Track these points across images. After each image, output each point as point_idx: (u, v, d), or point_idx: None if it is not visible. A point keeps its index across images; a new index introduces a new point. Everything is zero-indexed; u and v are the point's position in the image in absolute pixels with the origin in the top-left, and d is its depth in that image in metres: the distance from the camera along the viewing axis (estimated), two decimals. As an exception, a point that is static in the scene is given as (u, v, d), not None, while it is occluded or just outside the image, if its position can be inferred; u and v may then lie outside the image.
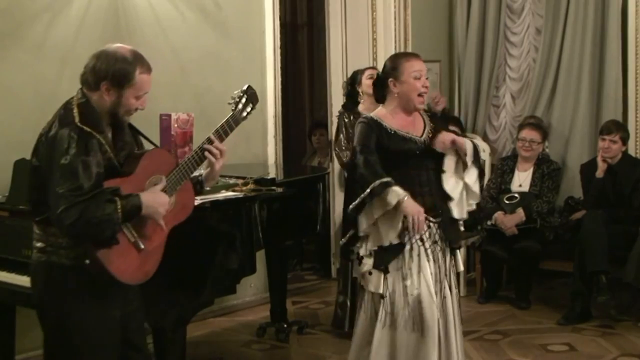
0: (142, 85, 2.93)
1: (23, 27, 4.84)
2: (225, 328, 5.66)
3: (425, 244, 3.80)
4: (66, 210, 2.69)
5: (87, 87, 2.93)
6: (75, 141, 2.76)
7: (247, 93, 3.29)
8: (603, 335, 5.33)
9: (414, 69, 3.81)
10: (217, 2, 5.87)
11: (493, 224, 6.08)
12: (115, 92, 2.89)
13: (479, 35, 7.14)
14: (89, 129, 2.82)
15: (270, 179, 4.65)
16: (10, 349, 4.36)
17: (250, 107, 3.29)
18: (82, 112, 2.86)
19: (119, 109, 2.92)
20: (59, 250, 2.88)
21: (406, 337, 3.75)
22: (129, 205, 2.79)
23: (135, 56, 2.94)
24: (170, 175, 3.00)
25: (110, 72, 2.87)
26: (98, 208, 2.71)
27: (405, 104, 3.85)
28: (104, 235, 2.75)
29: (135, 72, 2.90)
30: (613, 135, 5.81)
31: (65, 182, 2.71)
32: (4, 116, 4.77)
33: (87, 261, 2.79)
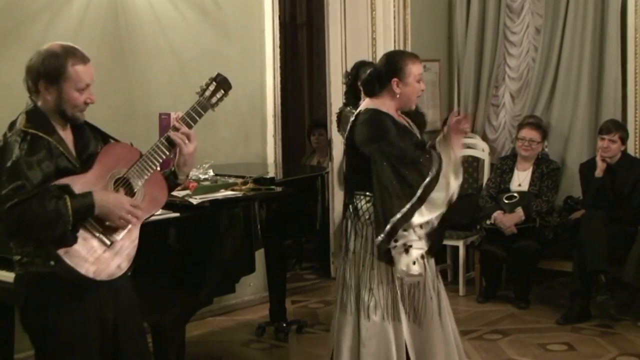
0: (78, 76, 2.87)
1: (23, 26, 4.84)
2: (225, 327, 5.66)
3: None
4: (9, 210, 2.65)
5: (31, 92, 2.92)
6: (19, 143, 2.74)
7: (216, 80, 3.23)
8: (602, 335, 5.33)
9: (419, 71, 3.83)
10: (216, 2, 5.87)
11: (492, 224, 6.08)
12: (54, 89, 2.86)
13: (479, 35, 7.14)
14: (35, 130, 2.79)
15: (270, 179, 4.66)
16: (9, 348, 4.35)
17: (221, 94, 3.21)
18: (29, 118, 2.84)
19: (64, 105, 2.88)
20: (35, 259, 2.83)
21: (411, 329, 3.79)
22: (79, 204, 2.73)
23: (65, 49, 2.90)
24: (132, 168, 2.94)
25: (42, 70, 2.85)
26: (41, 205, 2.65)
27: (405, 104, 3.86)
28: (55, 234, 2.70)
29: (67, 64, 2.86)
30: (612, 135, 5.81)
31: (9, 183, 2.68)
32: (4, 115, 4.74)
33: (52, 262, 2.76)
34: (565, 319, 5.60)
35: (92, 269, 2.80)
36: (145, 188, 2.96)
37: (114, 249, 2.86)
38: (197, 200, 3.94)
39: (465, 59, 7.21)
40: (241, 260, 4.10)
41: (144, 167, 2.95)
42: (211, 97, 3.18)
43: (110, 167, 2.90)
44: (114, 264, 2.86)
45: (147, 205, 2.97)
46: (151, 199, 2.99)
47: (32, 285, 2.87)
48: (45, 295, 2.85)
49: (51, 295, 2.85)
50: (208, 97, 3.17)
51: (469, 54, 7.17)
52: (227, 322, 5.77)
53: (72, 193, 2.74)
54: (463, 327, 5.54)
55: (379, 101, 3.85)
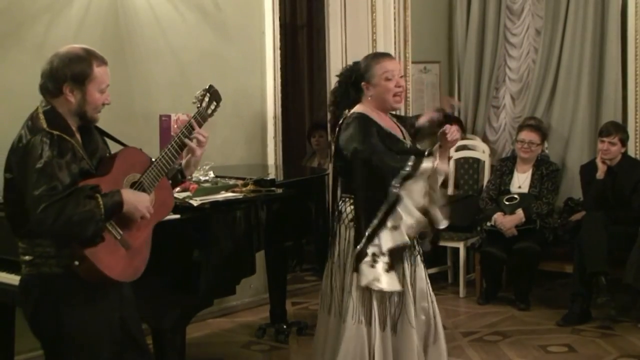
0: (102, 77, 2.95)
1: (23, 27, 4.84)
2: (225, 329, 5.65)
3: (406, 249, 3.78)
4: (44, 210, 2.68)
5: (49, 95, 2.93)
6: (48, 145, 2.78)
7: (210, 91, 3.31)
8: (602, 337, 5.33)
9: (384, 69, 3.79)
10: (216, 3, 5.87)
11: (492, 225, 6.08)
12: (79, 91, 2.91)
13: (479, 36, 7.14)
14: (59, 132, 2.84)
15: (270, 180, 4.65)
16: (9, 350, 4.35)
17: (214, 105, 3.31)
18: (49, 119, 2.87)
19: (86, 107, 2.93)
20: (48, 260, 2.88)
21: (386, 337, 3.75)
22: (110, 202, 2.80)
23: (88, 51, 2.96)
24: (146, 173, 3.01)
25: (69, 73, 2.89)
26: (78, 205, 2.71)
27: (382, 105, 3.85)
28: (87, 233, 2.75)
29: (93, 66, 2.92)
30: (612, 137, 5.81)
31: (42, 184, 2.71)
32: (4, 116, 4.76)
33: (76, 262, 2.79)
34: (565, 320, 5.60)
35: (115, 270, 2.86)
36: (155, 192, 3.04)
37: (132, 252, 2.93)
38: (198, 202, 3.94)
39: (466, 60, 7.22)
40: (241, 262, 4.10)
41: (157, 173, 3.03)
42: (207, 108, 3.28)
43: (125, 172, 2.97)
44: (133, 266, 2.95)
45: (158, 209, 3.05)
46: (161, 203, 3.08)
47: (43, 286, 2.91)
48: (58, 296, 2.89)
49: (63, 296, 2.88)
50: (205, 107, 3.27)
51: (470, 56, 7.18)
52: (227, 323, 5.77)
53: (102, 193, 2.80)
54: (463, 328, 5.55)
55: (364, 105, 3.88)
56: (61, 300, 2.88)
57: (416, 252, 3.86)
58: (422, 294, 3.85)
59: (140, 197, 2.92)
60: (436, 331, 3.88)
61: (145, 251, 3.02)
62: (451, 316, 5.81)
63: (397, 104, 3.85)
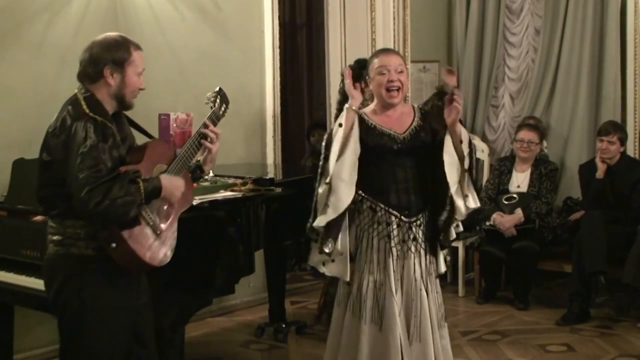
0: (138, 61, 3.09)
1: (22, 26, 4.84)
2: (224, 328, 5.66)
3: (392, 241, 3.76)
4: (90, 192, 2.78)
5: (88, 80, 3.03)
6: (93, 130, 2.88)
7: (220, 94, 3.43)
8: (601, 336, 5.33)
9: (378, 64, 3.79)
10: (216, 2, 5.87)
11: (491, 225, 6.08)
12: (118, 74, 3.03)
13: (478, 36, 7.14)
14: (101, 118, 2.94)
15: (269, 179, 4.65)
16: (8, 349, 4.36)
17: (224, 107, 3.43)
18: (90, 105, 2.97)
19: (125, 90, 3.05)
20: (77, 241, 2.97)
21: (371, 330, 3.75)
22: (151, 186, 2.92)
23: (124, 37, 3.11)
24: (172, 164, 3.14)
25: (109, 56, 3.01)
26: (122, 188, 2.82)
27: (381, 100, 3.85)
28: (129, 216, 2.85)
29: (130, 49, 3.07)
30: (611, 137, 5.81)
31: (86, 167, 2.81)
32: (3, 115, 4.77)
33: (113, 245, 2.88)
34: (564, 319, 5.60)
35: (148, 254, 2.98)
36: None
37: (161, 238, 3.06)
38: (197, 201, 3.94)
39: (465, 59, 7.22)
40: (240, 261, 4.10)
41: (181, 166, 3.16)
42: (219, 109, 3.41)
43: (155, 162, 3.10)
44: (162, 252, 3.07)
45: (180, 202, 3.17)
46: (183, 197, 3.19)
47: (69, 266, 2.99)
48: (82, 277, 2.97)
49: (88, 278, 2.97)
50: (218, 109, 3.40)
51: (469, 55, 7.17)
52: (226, 322, 5.77)
53: (143, 178, 2.93)
54: (462, 327, 5.55)
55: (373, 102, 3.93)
56: (85, 282, 2.97)
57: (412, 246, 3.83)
58: (409, 289, 3.81)
59: (177, 182, 3.08)
60: (420, 330, 3.79)
61: (173, 238, 3.14)
62: (450, 315, 5.79)
63: (390, 99, 3.80)
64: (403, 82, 3.81)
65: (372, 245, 3.78)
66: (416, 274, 3.80)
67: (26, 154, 4.40)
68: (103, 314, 2.98)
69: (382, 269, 3.76)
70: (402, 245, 3.78)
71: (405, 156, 3.81)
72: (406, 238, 3.78)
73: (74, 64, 4.98)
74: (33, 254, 3.90)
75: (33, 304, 3.97)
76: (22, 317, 4.46)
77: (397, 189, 3.78)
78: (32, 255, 3.91)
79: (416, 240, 3.80)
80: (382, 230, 3.77)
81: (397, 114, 3.87)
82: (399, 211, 3.77)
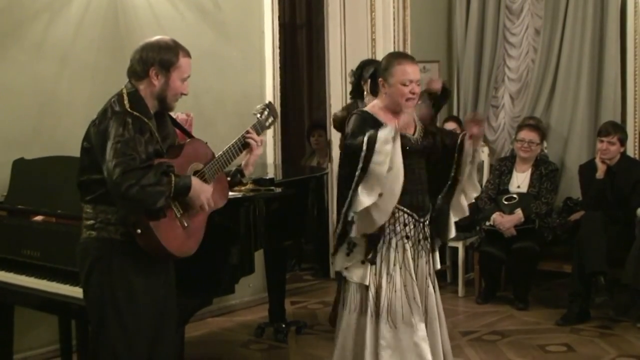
0: (185, 67, 3.17)
1: (22, 26, 4.84)
2: (224, 328, 5.66)
3: (410, 241, 3.83)
4: (123, 174, 2.88)
5: (135, 77, 3.15)
6: (131, 124, 2.99)
7: (269, 107, 3.61)
8: (601, 336, 5.33)
9: (404, 76, 3.79)
10: (216, 2, 5.87)
11: (491, 225, 6.08)
12: (163, 76, 3.12)
13: (478, 36, 7.14)
14: (139, 114, 3.04)
15: (269, 179, 4.65)
16: (8, 349, 4.36)
17: (272, 119, 3.59)
18: (132, 100, 3.08)
19: (167, 92, 3.14)
20: (107, 226, 3.07)
21: (394, 331, 3.76)
22: (181, 183, 3.02)
23: (176, 42, 3.20)
24: (209, 164, 3.25)
25: (157, 58, 3.12)
26: (155, 177, 2.92)
27: (393, 105, 3.86)
28: (156, 205, 2.94)
29: (179, 55, 3.16)
30: (611, 137, 5.81)
31: (122, 154, 2.91)
32: (3, 116, 4.76)
33: (139, 230, 2.97)
34: (564, 320, 5.60)
35: (173, 244, 3.06)
36: (214, 184, 3.26)
37: (188, 231, 3.15)
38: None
39: (465, 60, 7.22)
40: (240, 261, 4.10)
41: (218, 167, 3.28)
42: (266, 120, 3.56)
43: (191, 160, 3.21)
44: (188, 245, 3.17)
45: (218, 199, 3.28)
46: (220, 194, 3.32)
47: (100, 249, 3.09)
48: (112, 261, 3.07)
49: (117, 262, 3.07)
50: (265, 119, 3.55)
51: (469, 55, 7.18)
52: (226, 322, 5.77)
53: (176, 173, 3.03)
54: (462, 328, 5.55)
55: (376, 101, 3.94)
56: (114, 264, 3.07)
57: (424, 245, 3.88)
58: (422, 286, 3.89)
59: (205, 188, 3.14)
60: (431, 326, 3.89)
61: (200, 233, 3.23)
62: (450, 316, 5.78)
63: (407, 108, 3.85)
64: (418, 93, 3.89)
65: (390, 245, 3.81)
66: (426, 272, 3.91)
67: (26, 154, 4.40)
68: (133, 297, 3.08)
69: (402, 268, 3.80)
70: (417, 244, 3.87)
71: (418, 157, 3.88)
72: (421, 237, 3.88)
73: (73, 64, 5.04)
74: (33, 254, 3.91)
75: (33, 304, 3.98)
76: (22, 317, 4.46)
77: (411, 189, 3.81)
78: (32, 255, 3.92)
79: (426, 239, 3.92)
80: (400, 231, 3.80)
81: (404, 117, 3.90)
82: (414, 211, 3.83)
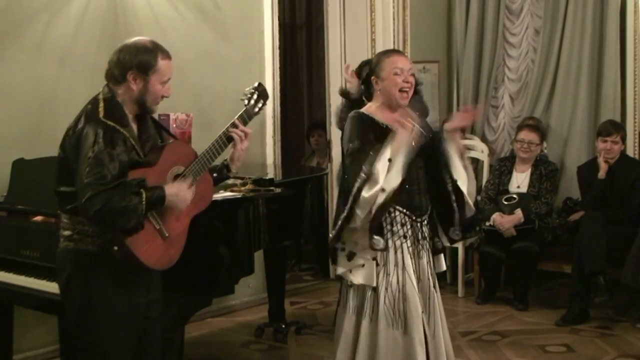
0: (165, 70, 3.10)
1: (22, 26, 4.84)
2: (223, 328, 5.66)
3: (408, 241, 3.80)
4: (91, 199, 2.81)
5: (113, 81, 3.06)
6: (102, 135, 2.89)
7: (259, 90, 3.45)
8: (601, 337, 5.33)
9: (394, 65, 3.79)
10: (215, 2, 5.87)
11: (491, 225, 6.08)
12: (142, 80, 3.05)
13: (478, 36, 7.14)
14: (113, 123, 2.95)
15: (269, 179, 4.65)
16: (8, 349, 4.36)
17: (262, 104, 3.45)
18: (107, 107, 2.99)
19: (146, 96, 3.07)
20: (85, 237, 3.01)
21: (391, 333, 3.75)
22: (154, 197, 2.93)
23: (155, 44, 3.12)
24: (191, 166, 3.14)
25: (134, 61, 3.03)
26: (123, 198, 2.84)
27: (388, 100, 3.83)
28: (129, 225, 2.88)
29: (158, 58, 3.08)
30: (614, 137, 5.82)
31: (91, 172, 2.84)
32: (3, 116, 4.76)
33: (115, 247, 2.91)
34: (564, 320, 5.60)
35: (152, 258, 3.00)
36: (196, 186, 3.16)
37: (169, 241, 3.06)
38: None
39: (465, 60, 7.21)
40: (240, 261, 4.10)
41: (200, 167, 3.16)
42: (254, 106, 3.43)
43: (172, 164, 3.11)
44: (168, 255, 3.08)
45: (198, 202, 3.18)
46: (201, 197, 3.20)
47: (77, 261, 3.03)
48: (89, 273, 3.01)
49: (95, 274, 3.01)
50: (252, 105, 3.41)
51: (468, 55, 7.17)
52: (226, 323, 5.77)
53: (147, 187, 2.94)
54: (462, 328, 5.54)
55: (373, 102, 3.91)
56: (92, 277, 3.00)
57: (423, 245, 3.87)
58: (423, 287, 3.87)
59: (183, 195, 3.04)
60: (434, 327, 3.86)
61: (181, 241, 3.14)
62: (450, 316, 5.76)
63: (402, 100, 3.82)
64: (413, 84, 3.85)
65: (388, 246, 3.78)
66: (428, 273, 3.89)
67: (26, 154, 4.40)
68: (110, 309, 3.01)
69: (400, 269, 3.78)
70: (417, 244, 3.84)
71: (415, 156, 3.83)
72: (420, 237, 3.85)
73: (73, 64, 5.03)
74: (33, 254, 3.91)
75: (33, 304, 3.98)
76: (22, 317, 4.46)
77: (411, 189, 3.80)
78: (32, 255, 3.91)
79: (425, 239, 3.88)
80: (397, 231, 3.79)
81: (398, 115, 3.88)
82: (412, 211, 3.81)
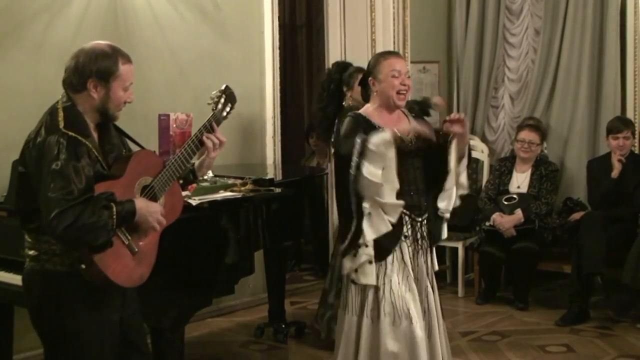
0: (126, 75, 2.93)
1: (22, 27, 4.84)
2: (224, 328, 5.66)
3: (407, 240, 3.80)
4: (59, 215, 2.66)
5: (71, 89, 2.90)
6: (65, 147, 2.74)
7: (226, 93, 3.32)
8: (601, 337, 5.33)
9: (392, 67, 3.81)
10: (216, 3, 5.87)
11: (491, 225, 6.08)
12: (102, 88, 2.88)
13: (478, 36, 7.14)
14: (75, 134, 2.80)
15: (269, 180, 4.66)
16: (8, 349, 4.35)
17: (229, 107, 3.32)
18: (67, 117, 2.84)
19: (108, 105, 2.91)
20: (53, 257, 2.86)
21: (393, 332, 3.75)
22: (124, 211, 2.78)
23: (114, 48, 2.94)
24: (158, 176, 2.99)
25: (94, 68, 2.86)
26: (93, 214, 2.69)
27: (386, 102, 3.85)
28: (98, 241, 2.73)
29: (118, 63, 2.90)
30: (625, 132, 5.84)
31: (57, 187, 2.68)
32: (3, 116, 4.76)
33: (83, 266, 2.76)
34: (564, 320, 5.60)
35: (122, 276, 2.84)
36: (165, 197, 3.02)
37: (139, 257, 2.91)
38: (196, 202, 3.94)
39: (465, 60, 7.22)
40: (240, 262, 4.10)
41: (168, 177, 3.01)
42: (222, 110, 3.29)
43: (138, 175, 2.94)
44: (138, 272, 2.93)
45: (167, 214, 3.01)
46: (170, 208, 3.05)
47: (45, 283, 2.89)
48: (59, 294, 2.87)
49: (65, 295, 2.86)
50: (220, 110, 3.28)
51: (469, 56, 7.17)
52: (226, 323, 5.77)
53: (117, 201, 2.78)
54: (462, 328, 5.55)
55: (370, 104, 3.92)
56: (63, 299, 2.86)
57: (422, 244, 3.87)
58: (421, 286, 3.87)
59: (153, 208, 2.90)
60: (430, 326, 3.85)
61: (152, 256, 3.00)
62: (450, 316, 5.81)
63: (399, 102, 3.84)
64: (410, 86, 3.88)
65: None
66: (425, 271, 3.89)
67: (26, 154, 4.39)
68: (85, 331, 2.88)
69: (399, 269, 3.78)
70: (415, 244, 3.85)
71: (413, 157, 3.85)
72: (418, 237, 3.86)
73: (73, 65, 5.03)
74: (33, 255, 3.90)
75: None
76: (22, 317, 4.44)
77: (408, 190, 3.81)
78: (31, 256, 3.90)
79: (424, 238, 3.89)
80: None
81: (395, 116, 3.90)
82: (411, 211, 3.82)
